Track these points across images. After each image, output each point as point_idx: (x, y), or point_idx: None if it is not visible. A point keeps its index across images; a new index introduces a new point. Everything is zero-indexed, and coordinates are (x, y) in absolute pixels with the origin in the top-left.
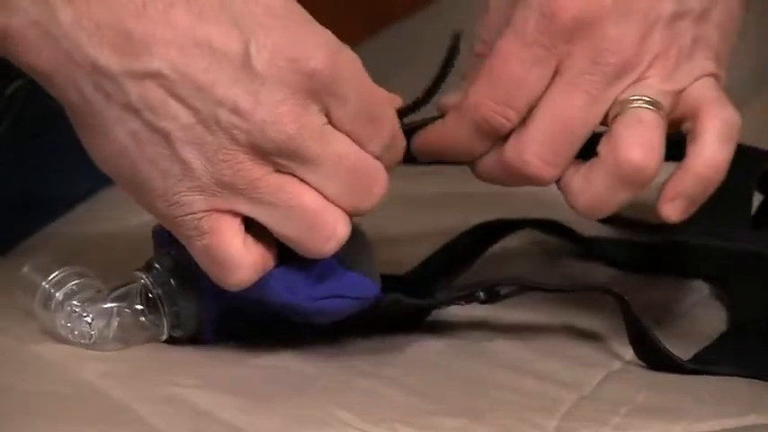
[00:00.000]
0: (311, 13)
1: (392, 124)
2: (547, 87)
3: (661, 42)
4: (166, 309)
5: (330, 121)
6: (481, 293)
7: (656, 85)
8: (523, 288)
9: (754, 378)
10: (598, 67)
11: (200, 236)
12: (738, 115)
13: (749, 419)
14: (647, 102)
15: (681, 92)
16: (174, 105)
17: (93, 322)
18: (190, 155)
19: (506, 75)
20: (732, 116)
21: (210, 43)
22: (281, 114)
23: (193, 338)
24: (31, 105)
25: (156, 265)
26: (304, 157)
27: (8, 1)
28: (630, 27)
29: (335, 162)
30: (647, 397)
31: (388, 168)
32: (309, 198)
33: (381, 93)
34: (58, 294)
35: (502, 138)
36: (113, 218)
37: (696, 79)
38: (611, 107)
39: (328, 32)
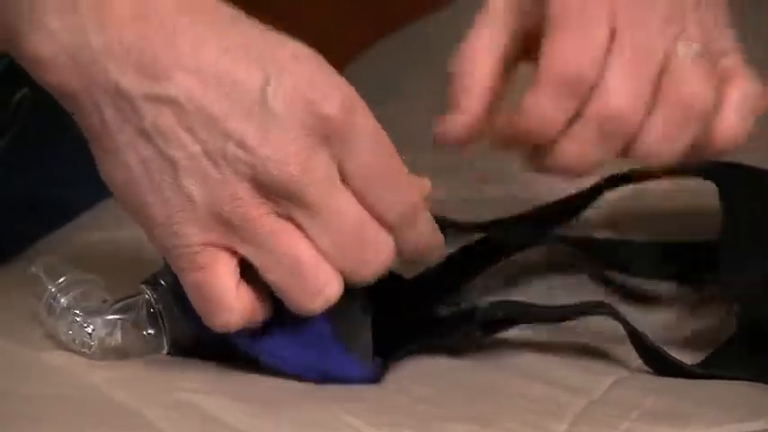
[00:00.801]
0: (324, 14)
1: (410, 195)
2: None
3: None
4: (167, 325)
5: (341, 175)
6: (477, 332)
7: (699, 38)
8: (520, 318)
9: (764, 382)
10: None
11: (194, 270)
12: (760, 88)
13: (759, 424)
14: (696, 51)
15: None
16: (183, 134)
17: (94, 333)
18: (193, 186)
19: (578, 26)
20: (754, 89)
21: (231, 76)
22: (288, 154)
23: (191, 354)
24: (38, 112)
25: (162, 281)
26: (303, 202)
27: (39, 23)
28: None
29: (335, 216)
30: (657, 402)
31: (407, 248)
32: (303, 248)
33: (399, 160)
34: (63, 300)
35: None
36: (119, 226)
37: (726, 48)
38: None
39: (349, 86)
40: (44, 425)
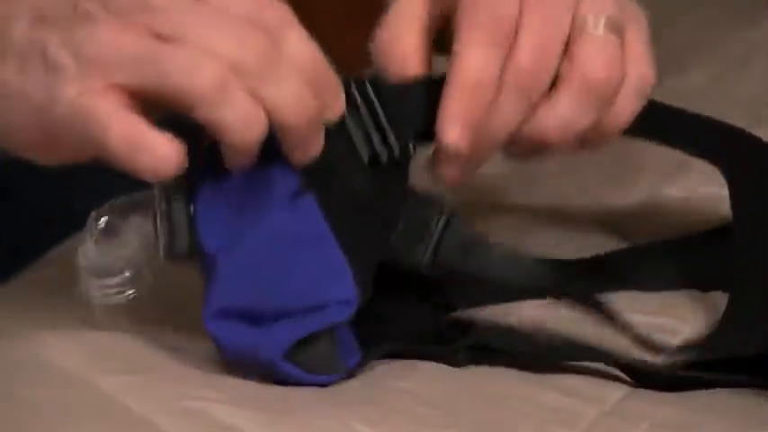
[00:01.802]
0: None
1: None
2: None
3: None
4: (160, 213)
5: None
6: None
7: (612, 8)
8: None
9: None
10: None
11: (76, 117)
12: (654, 73)
13: None
14: (606, 22)
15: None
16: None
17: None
18: (58, 49)
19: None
20: (649, 74)
21: None
22: None
23: (189, 253)
24: None
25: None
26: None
27: None
28: None
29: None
30: (669, 413)
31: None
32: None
33: None
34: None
35: None
36: None
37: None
38: (571, 27)
39: None
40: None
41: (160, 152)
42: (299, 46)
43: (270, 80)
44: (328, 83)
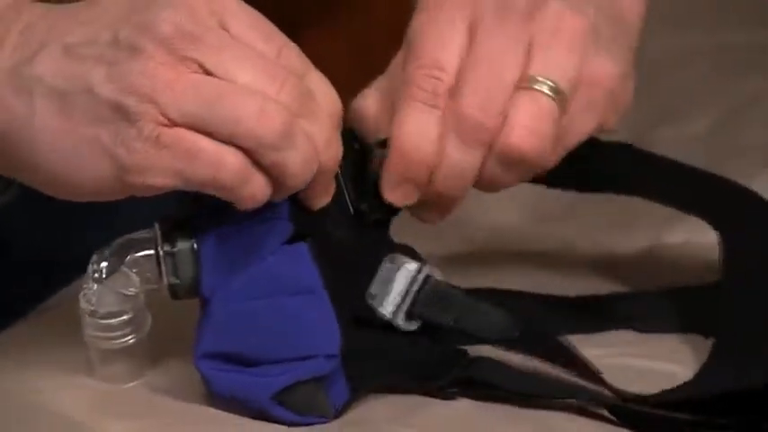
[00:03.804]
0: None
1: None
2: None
3: None
4: (162, 253)
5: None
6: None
7: (566, 69)
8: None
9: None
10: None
11: (171, 153)
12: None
13: None
14: (549, 87)
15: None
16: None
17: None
18: (110, 92)
19: (430, 41)
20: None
21: None
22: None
23: (193, 290)
24: None
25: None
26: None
27: None
28: None
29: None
30: None
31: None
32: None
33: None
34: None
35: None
36: None
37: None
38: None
39: None
40: None
41: (263, 184)
42: (322, 85)
43: (310, 122)
44: (341, 121)
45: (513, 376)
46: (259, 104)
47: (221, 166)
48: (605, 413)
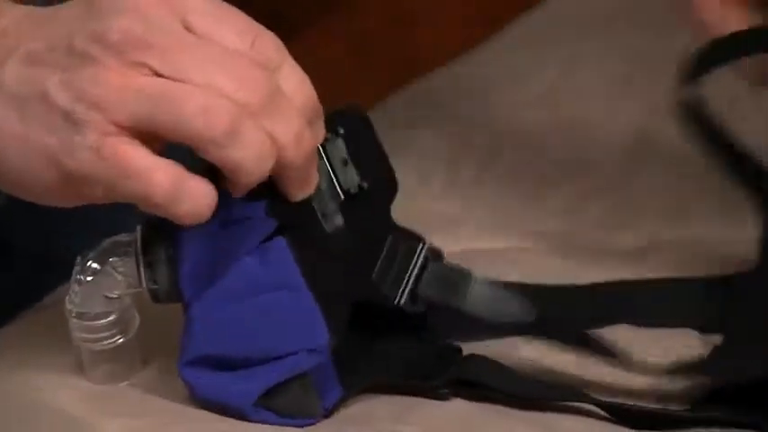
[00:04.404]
0: (333, 69)
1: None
2: None
3: None
4: (141, 258)
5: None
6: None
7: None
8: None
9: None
10: None
11: (107, 165)
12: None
13: None
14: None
15: None
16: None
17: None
18: (62, 99)
19: None
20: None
21: None
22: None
23: (173, 295)
24: None
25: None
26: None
27: None
28: None
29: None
30: None
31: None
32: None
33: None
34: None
35: None
36: None
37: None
38: None
39: None
40: None
41: (201, 198)
42: (294, 78)
43: (273, 118)
44: (317, 112)
45: (507, 376)
46: (203, 101)
47: (149, 184)
48: (602, 412)
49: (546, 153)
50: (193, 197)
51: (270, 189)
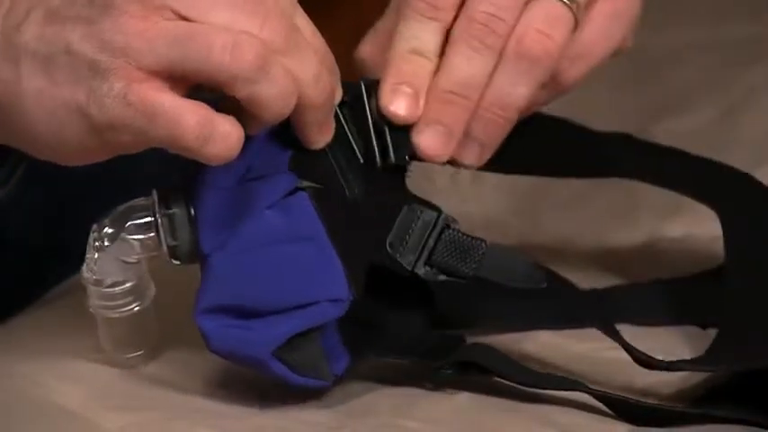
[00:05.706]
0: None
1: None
2: None
3: None
4: (160, 216)
5: None
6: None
7: None
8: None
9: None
10: None
11: (136, 111)
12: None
13: None
14: None
15: None
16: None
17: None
18: (86, 50)
19: None
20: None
21: None
22: None
23: (193, 252)
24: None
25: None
26: None
27: None
28: None
29: None
30: None
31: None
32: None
33: None
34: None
35: None
36: None
37: None
38: None
39: None
40: None
41: (230, 138)
42: (308, 28)
43: (294, 57)
44: (332, 62)
45: (509, 364)
46: (231, 39)
47: (179, 125)
48: (602, 407)
49: None
50: (222, 136)
51: (293, 143)
